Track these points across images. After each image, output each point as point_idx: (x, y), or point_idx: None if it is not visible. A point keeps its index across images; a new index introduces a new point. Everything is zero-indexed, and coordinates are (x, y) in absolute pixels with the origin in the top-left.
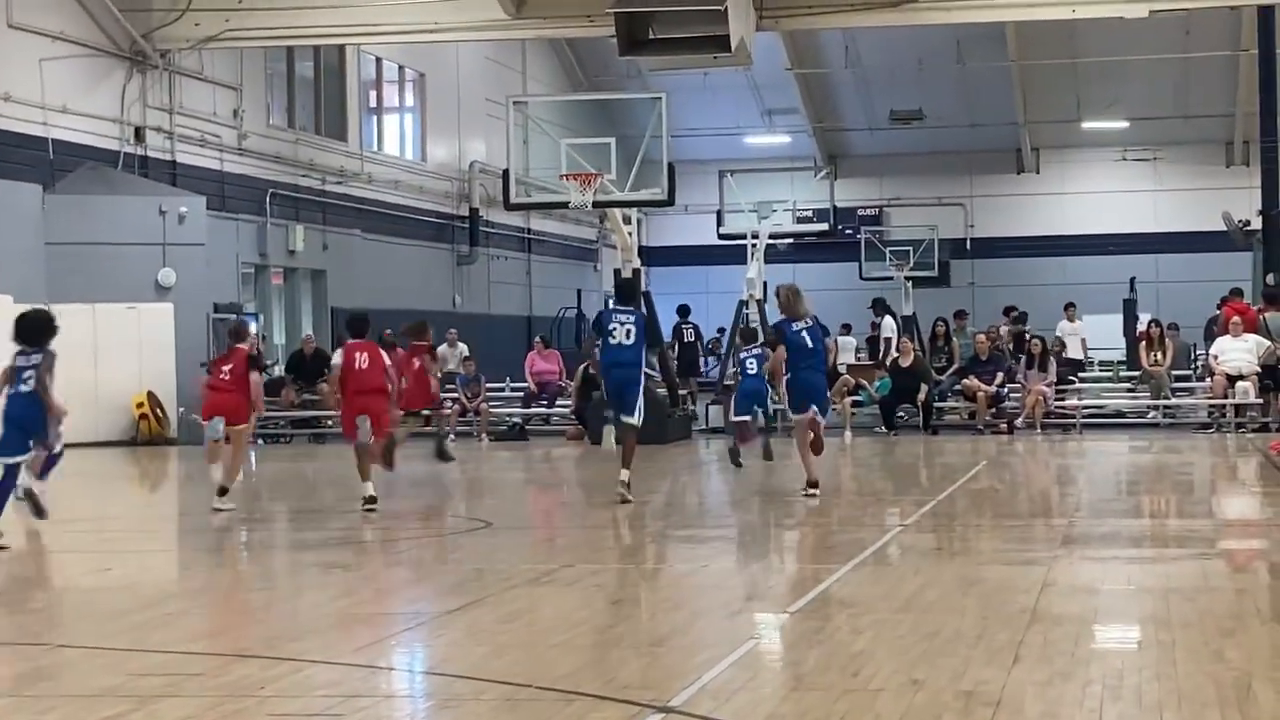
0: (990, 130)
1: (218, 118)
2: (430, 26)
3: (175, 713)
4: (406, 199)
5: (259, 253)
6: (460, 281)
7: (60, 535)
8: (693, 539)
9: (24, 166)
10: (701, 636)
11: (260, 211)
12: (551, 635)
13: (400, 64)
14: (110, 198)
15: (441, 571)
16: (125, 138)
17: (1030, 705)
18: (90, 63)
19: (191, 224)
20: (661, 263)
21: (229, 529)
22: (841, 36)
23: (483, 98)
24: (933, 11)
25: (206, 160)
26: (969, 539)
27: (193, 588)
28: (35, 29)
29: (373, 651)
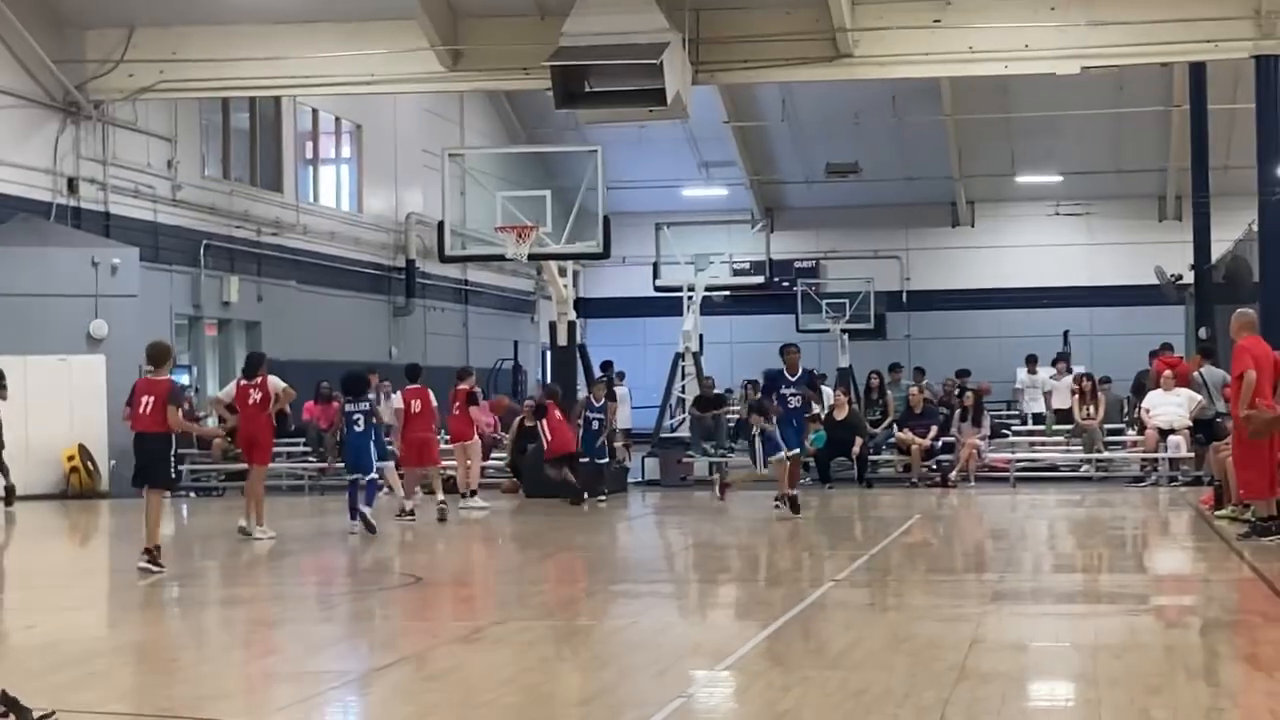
0: (926, 184)
1: (152, 169)
2: (367, 78)
3: None
4: (343, 250)
5: (193, 304)
6: (397, 333)
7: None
8: (625, 594)
9: None
10: (630, 694)
11: (194, 263)
12: (479, 694)
13: (337, 115)
14: (42, 249)
15: (370, 628)
16: (58, 189)
17: None
18: (23, 113)
19: (124, 275)
20: (598, 314)
21: (158, 586)
22: (778, 90)
23: (420, 149)
24: (868, 66)
25: (140, 211)
26: (901, 594)
27: (118, 645)
28: None
29: (297, 711)
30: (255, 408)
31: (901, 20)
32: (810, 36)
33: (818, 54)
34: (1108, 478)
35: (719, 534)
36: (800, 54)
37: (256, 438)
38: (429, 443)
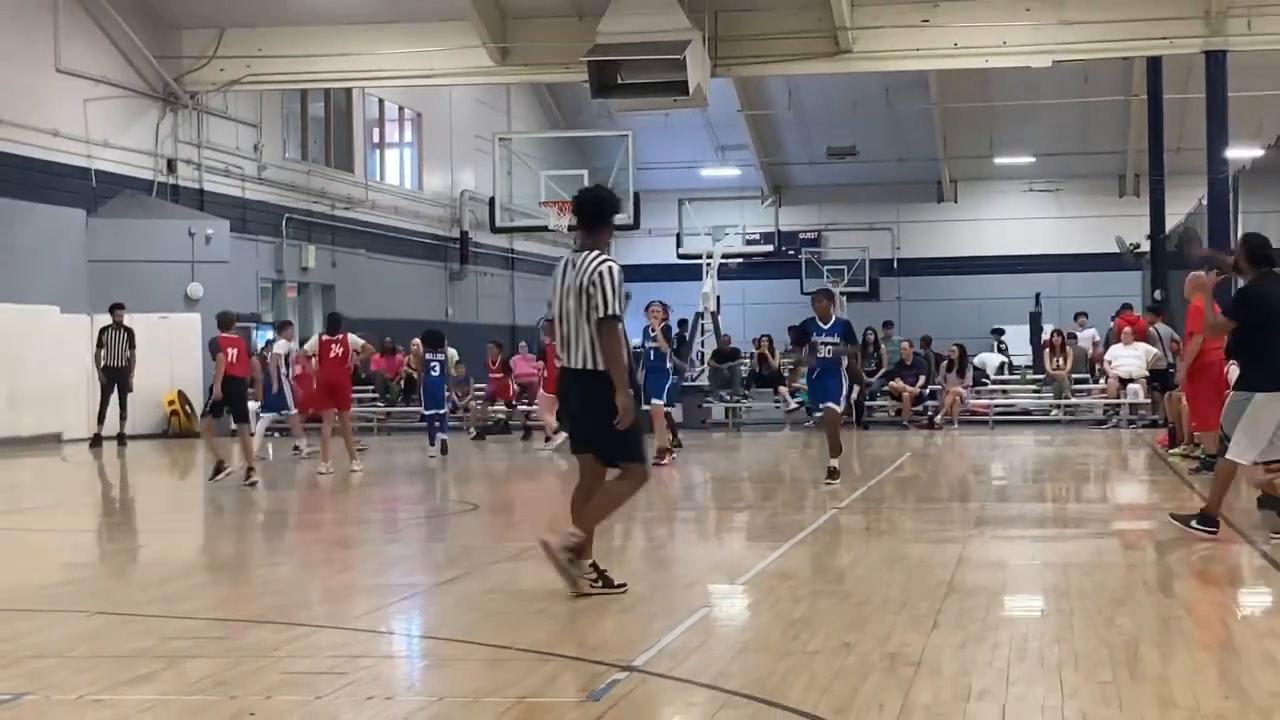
0: (914, 164)
1: (240, 151)
2: (427, 72)
3: (201, 671)
4: (405, 223)
5: (276, 269)
6: (452, 295)
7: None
8: (654, 520)
9: (70, 194)
10: (661, 605)
11: (277, 233)
12: (531, 604)
13: (400, 105)
14: (145, 221)
15: (434, 548)
16: (159, 168)
17: (947, 665)
18: (128, 103)
19: (217, 244)
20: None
21: (247, 511)
22: (785, 82)
23: (472, 135)
24: (864, 61)
25: (230, 188)
26: (895, 520)
27: (215, 561)
28: (80, 73)
29: (373, 618)
30: (336, 361)
31: (894, 20)
32: (814, 34)
33: (820, 50)
34: (1074, 421)
35: (734, 470)
36: (805, 50)
37: (338, 387)
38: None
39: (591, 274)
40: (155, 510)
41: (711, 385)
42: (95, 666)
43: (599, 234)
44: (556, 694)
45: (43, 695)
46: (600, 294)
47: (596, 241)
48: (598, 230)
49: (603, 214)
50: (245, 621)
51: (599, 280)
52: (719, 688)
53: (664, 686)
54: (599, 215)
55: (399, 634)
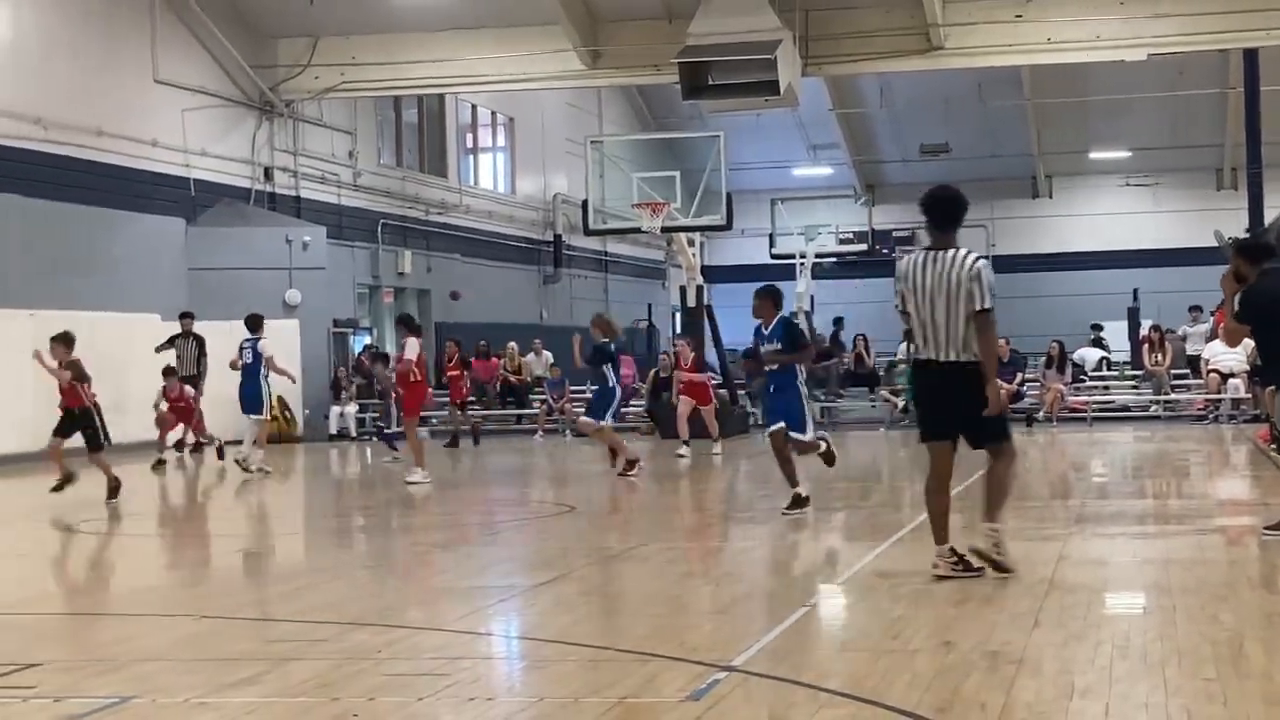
0: (1008, 160)
1: (335, 158)
2: (519, 77)
3: (303, 674)
4: (499, 227)
5: (372, 275)
6: (546, 298)
7: (202, 520)
8: (751, 520)
9: (169, 203)
10: (760, 605)
11: (373, 239)
12: (628, 604)
13: (493, 110)
14: (243, 229)
15: (531, 550)
16: (256, 176)
17: (1048, 663)
18: (225, 112)
19: (314, 251)
20: (720, 280)
21: (346, 515)
22: (877, 80)
23: (564, 138)
24: (957, 57)
25: (326, 195)
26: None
27: (316, 565)
28: (178, 84)
29: (473, 620)
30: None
31: (987, 16)
32: (906, 32)
33: (912, 47)
34: (1174, 417)
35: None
36: (897, 47)
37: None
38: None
39: (970, 270)
40: (256, 514)
41: (807, 385)
42: (200, 669)
43: (951, 232)
44: (656, 694)
45: (149, 698)
46: (979, 289)
47: (950, 240)
48: (950, 229)
49: (956, 213)
50: (346, 624)
51: (978, 276)
52: (819, 687)
53: (764, 686)
54: (954, 214)
55: (498, 635)
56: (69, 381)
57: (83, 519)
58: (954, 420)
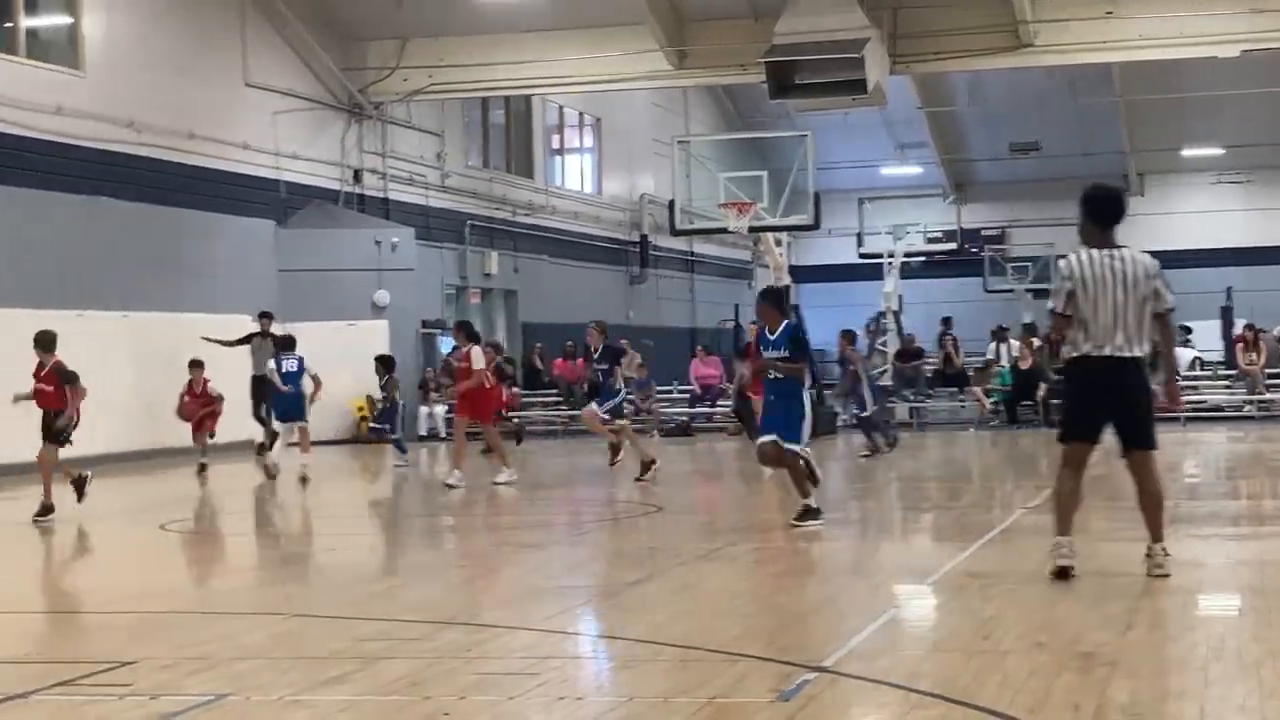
0: (1100, 158)
1: (423, 160)
2: (605, 77)
3: (395, 672)
4: (585, 227)
5: (459, 275)
6: (632, 298)
7: (295, 520)
8: (839, 520)
9: (260, 205)
10: (849, 605)
11: (460, 240)
12: (717, 604)
13: (580, 110)
14: (332, 230)
15: (619, 549)
16: (345, 179)
17: (1143, 665)
18: (315, 115)
19: (402, 252)
20: (807, 280)
21: (435, 515)
22: (966, 78)
23: (651, 138)
24: (1048, 54)
25: (414, 197)
26: (1085, 520)
27: (407, 565)
28: (269, 87)
29: (562, 619)
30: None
31: (1077, 12)
32: (995, 29)
33: (1002, 44)
34: (1269, 417)
35: (920, 470)
36: (986, 45)
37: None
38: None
39: (1150, 268)
40: (344, 514)
41: (895, 385)
42: (293, 668)
43: (1114, 231)
44: (746, 694)
45: (244, 696)
46: (1163, 288)
47: (1113, 238)
48: (1113, 227)
49: (1121, 211)
50: (437, 623)
51: (1159, 274)
52: (910, 688)
53: (855, 687)
54: (1117, 212)
55: (587, 635)
56: (57, 385)
57: (173, 519)
58: (1111, 417)
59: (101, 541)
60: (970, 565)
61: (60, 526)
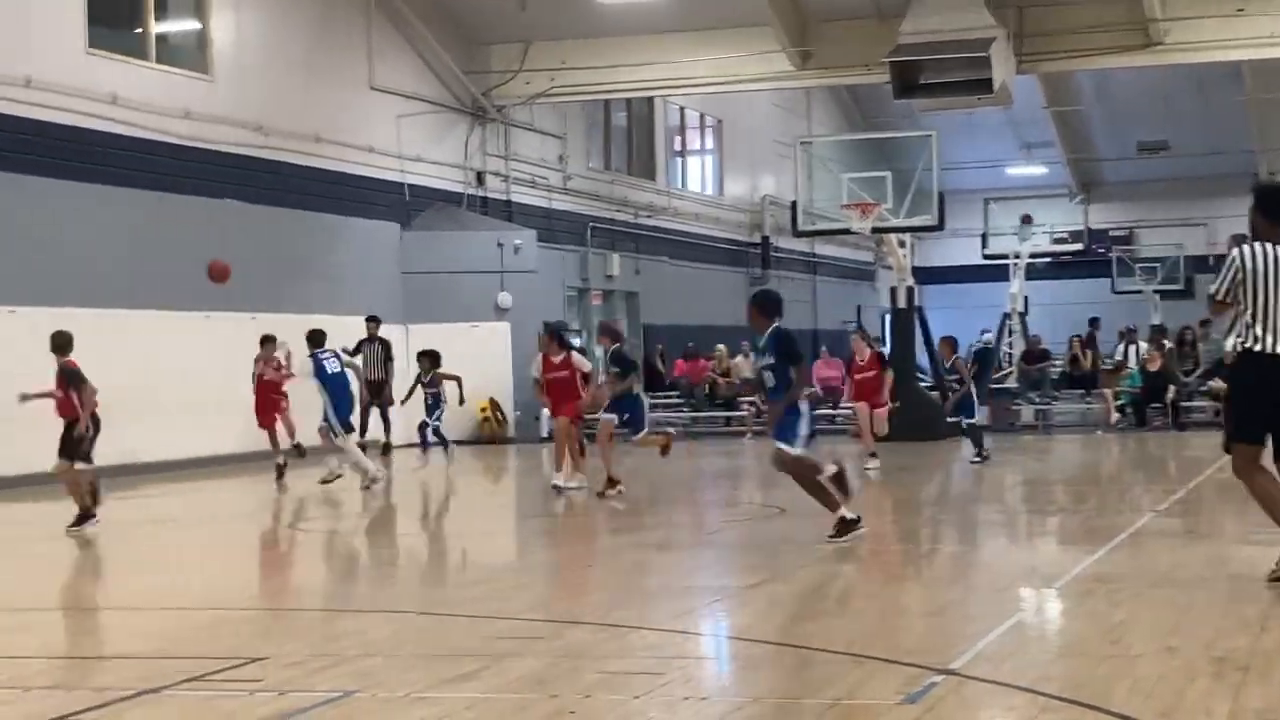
0: (1229, 157)
1: (545, 162)
2: (728, 79)
3: (521, 670)
4: (706, 229)
5: (581, 278)
6: None
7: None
8: (964, 523)
9: (384, 207)
10: (975, 608)
11: (582, 242)
12: (842, 606)
13: (701, 112)
14: (456, 233)
15: (743, 551)
16: (468, 181)
17: (1278, 670)
18: (439, 118)
19: (525, 254)
20: (931, 281)
21: (556, 515)
22: (1093, 77)
23: (772, 139)
24: (1177, 53)
25: (536, 199)
26: (1217, 523)
27: (530, 564)
28: (393, 90)
29: (686, 619)
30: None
31: (1207, 10)
32: (1123, 27)
33: (1130, 43)
34: None
35: (1046, 473)
36: (1114, 43)
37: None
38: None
39: None
40: (470, 514)
41: (1020, 387)
42: (419, 665)
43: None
44: (872, 696)
45: (370, 693)
46: None
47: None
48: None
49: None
50: (562, 622)
51: None
52: (1038, 691)
53: (982, 690)
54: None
55: (711, 635)
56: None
57: (301, 519)
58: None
59: (229, 540)
60: (1098, 569)
61: (189, 526)
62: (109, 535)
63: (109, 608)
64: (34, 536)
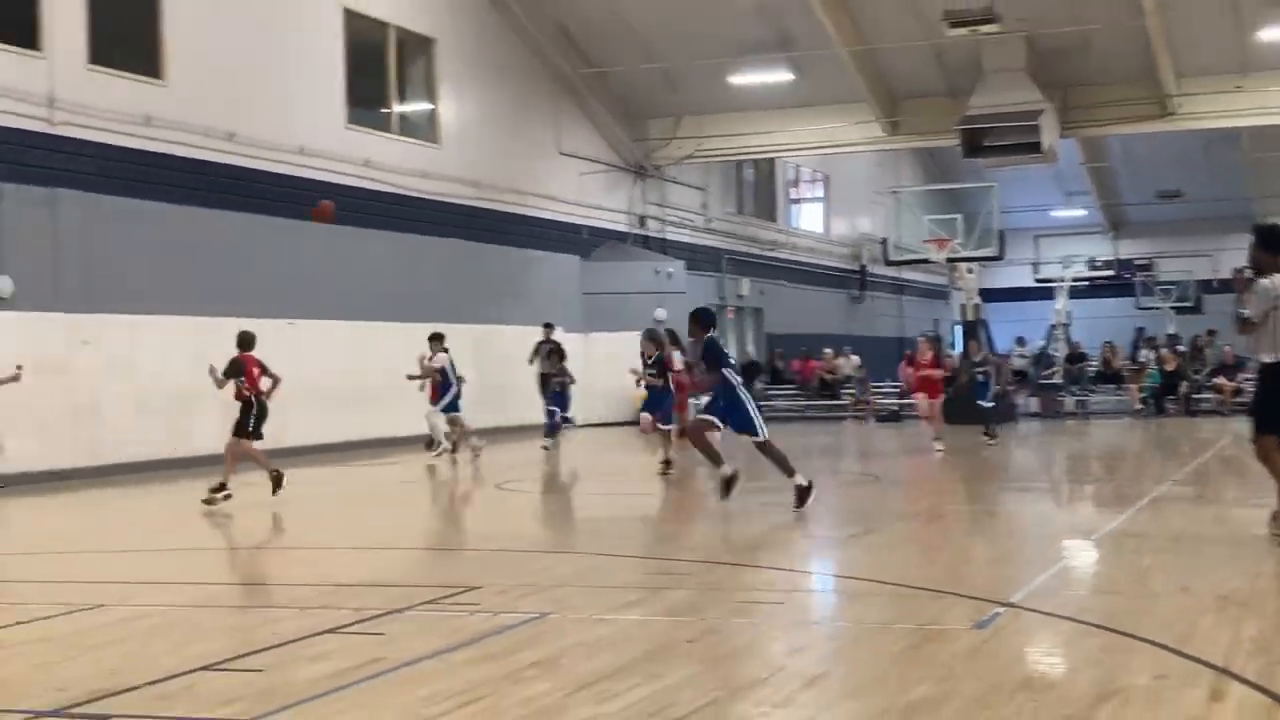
0: (1230, 203)
1: (691, 208)
2: (833, 143)
3: (675, 598)
4: (816, 259)
5: (718, 297)
6: (853, 314)
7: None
8: (1017, 490)
9: (568, 244)
10: (1029, 555)
11: (719, 269)
12: (924, 552)
13: (812, 169)
14: (623, 263)
15: (845, 509)
16: (632, 223)
17: (1270, 605)
18: (611, 175)
19: (675, 279)
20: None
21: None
22: (1121, 139)
23: (869, 189)
24: (1187, 120)
25: (684, 237)
26: (1221, 490)
27: (680, 516)
28: (576, 154)
29: (801, 561)
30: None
31: (1212, 87)
32: (1145, 101)
33: (1150, 113)
34: None
35: (1085, 450)
36: (1137, 114)
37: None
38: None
39: None
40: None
41: (1064, 382)
42: (598, 594)
43: None
44: (950, 623)
45: (562, 615)
46: None
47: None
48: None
49: None
50: (707, 562)
51: None
52: (1081, 620)
53: (1035, 619)
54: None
55: (822, 574)
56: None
57: (506, 479)
58: None
59: (453, 497)
60: (1126, 526)
61: (431, 488)
62: (336, 496)
63: (355, 547)
64: (296, 496)
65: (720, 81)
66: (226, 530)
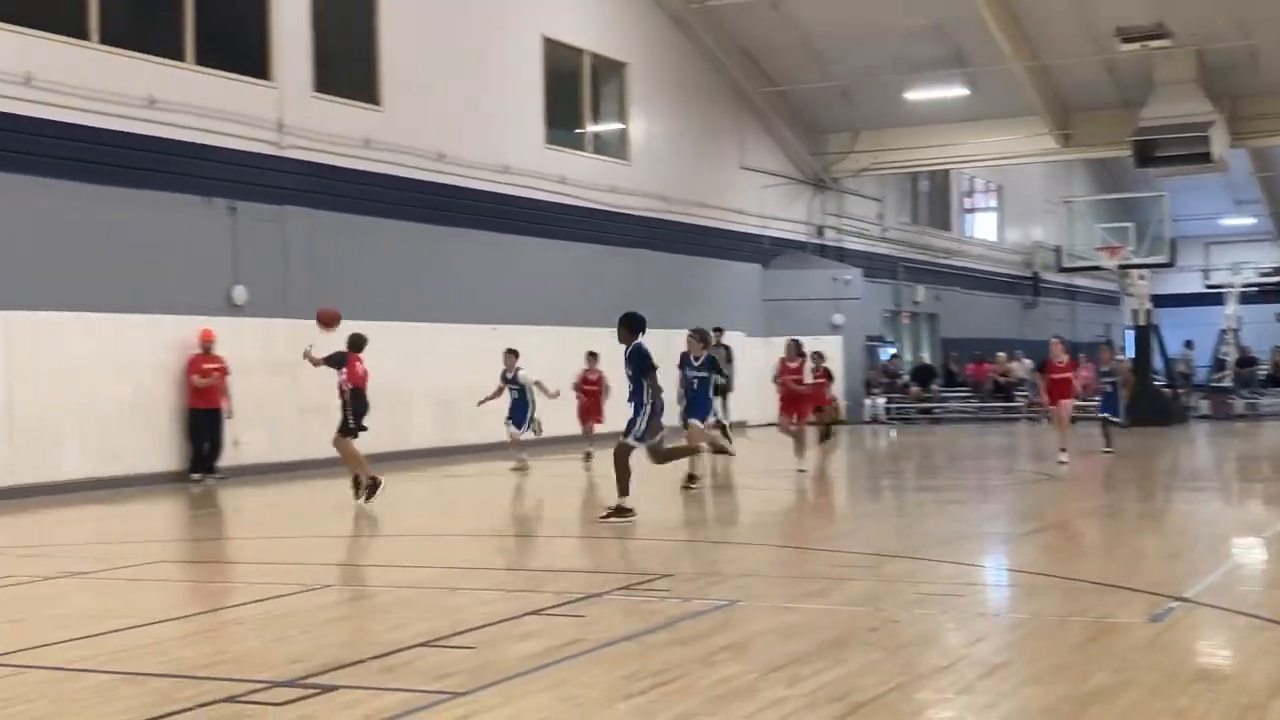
0: None
1: (868, 218)
2: (1006, 155)
3: (857, 590)
4: (990, 267)
5: (894, 304)
6: (1026, 319)
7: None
8: (1188, 489)
9: (750, 253)
10: (1202, 552)
11: (895, 276)
12: (1098, 548)
13: (986, 180)
14: (802, 271)
15: (1019, 506)
16: (811, 233)
17: None
18: (791, 188)
19: (853, 286)
20: (1163, 305)
21: (880, 477)
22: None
23: (1042, 199)
24: None
25: (861, 245)
26: None
27: (859, 512)
28: (757, 169)
29: (979, 556)
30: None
31: None
32: None
33: None
34: None
35: (1254, 450)
36: None
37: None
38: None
39: None
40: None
41: (1234, 385)
42: (784, 584)
43: None
44: (1126, 616)
45: (749, 602)
46: None
47: None
48: None
49: None
50: (886, 555)
51: None
52: (1254, 615)
53: (1210, 614)
54: None
55: (998, 568)
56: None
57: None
58: None
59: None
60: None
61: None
62: (563, 486)
63: (549, 535)
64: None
65: (896, 97)
66: (420, 519)
